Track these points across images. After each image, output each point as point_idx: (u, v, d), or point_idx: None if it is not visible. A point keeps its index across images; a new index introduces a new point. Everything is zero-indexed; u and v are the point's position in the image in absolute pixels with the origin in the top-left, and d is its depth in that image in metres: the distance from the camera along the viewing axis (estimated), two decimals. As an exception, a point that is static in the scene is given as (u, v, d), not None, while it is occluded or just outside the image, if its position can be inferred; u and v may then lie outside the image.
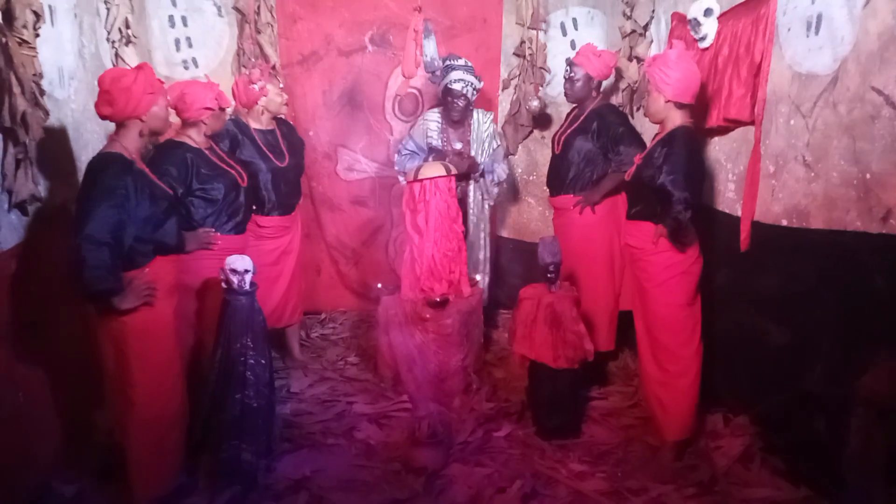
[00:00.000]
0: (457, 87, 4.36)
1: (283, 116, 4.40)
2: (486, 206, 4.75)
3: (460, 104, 4.41)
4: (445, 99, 4.46)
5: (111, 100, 2.74)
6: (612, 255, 4.16)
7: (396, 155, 4.70)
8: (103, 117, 2.83)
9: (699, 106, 3.61)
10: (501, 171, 4.63)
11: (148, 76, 2.81)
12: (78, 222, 2.61)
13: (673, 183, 3.11)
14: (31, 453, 2.95)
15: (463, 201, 4.60)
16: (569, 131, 4.14)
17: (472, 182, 4.63)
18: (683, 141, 3.20)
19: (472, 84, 4.39)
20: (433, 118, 4.61)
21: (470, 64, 4.43)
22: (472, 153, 4.56)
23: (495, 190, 4.70)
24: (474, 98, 4.49)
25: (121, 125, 2.83)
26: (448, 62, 4.42)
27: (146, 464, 2.92)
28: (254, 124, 4.16)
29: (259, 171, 4.08)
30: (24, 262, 2.90)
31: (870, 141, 2.59)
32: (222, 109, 3.61)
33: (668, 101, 3.24)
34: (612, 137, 3.99)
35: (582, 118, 4.10)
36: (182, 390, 3.06)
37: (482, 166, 4.58)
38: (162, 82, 2.94)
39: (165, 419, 2.95)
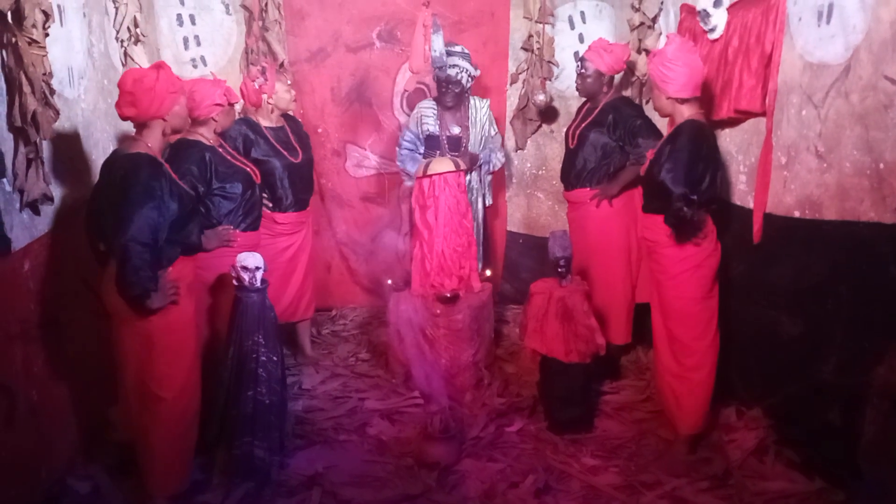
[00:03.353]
0: (451, 72, 4.39)
1: (291, 113, 4.40)
2: (481, 205, 4.73)
3: (454, 90, 4.44)
4: (439, 84, 4.47)
5: (135, 101, 2.75)
6: (629, 248, 4.14)
7: (398, 149, 4.71)
8: (126, 118, 2.84)
9: (707, 97, 3.60)
10: (497, 160, 4.64)
11: (169, 75, 2.82)
12: (121, 224, 2.63)
13: (673, 180, 3.13)
14: (47, 450, 2.97)
15: None
16: (583, 125, 4.11)
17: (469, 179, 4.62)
18: (688, 136, 3.20)
19: (466, 70, 4.42)
20: (428, 105, 4.63)
21: (467, 51, 4.46)
22: (471, 138, 4.57)
23: (488, 178, 4.72)
24: (469, 85, 4.51)
25: (143, 125, 2.84)
26: (446, 48, 4.44)
27: (167, 461, 2.94)
28: (264, 122, 4.17)
29: (275, 169, 4.10)
30: (37, 260, 2.92)
31: (883, 130, 2.57)
32: (231, 105, 3.62)
33: (670, 97, 3.25)
34: (629, 130, 3.97)
35: (596, 111, 4.08)
36: (200, 387, 3.08)
37: (481, 158, 4.58)
38: (182, 80, 2.95)
39: (188, 415, 2.98)
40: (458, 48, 4.44)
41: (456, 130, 4.56)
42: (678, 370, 3.38)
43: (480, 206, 4.68)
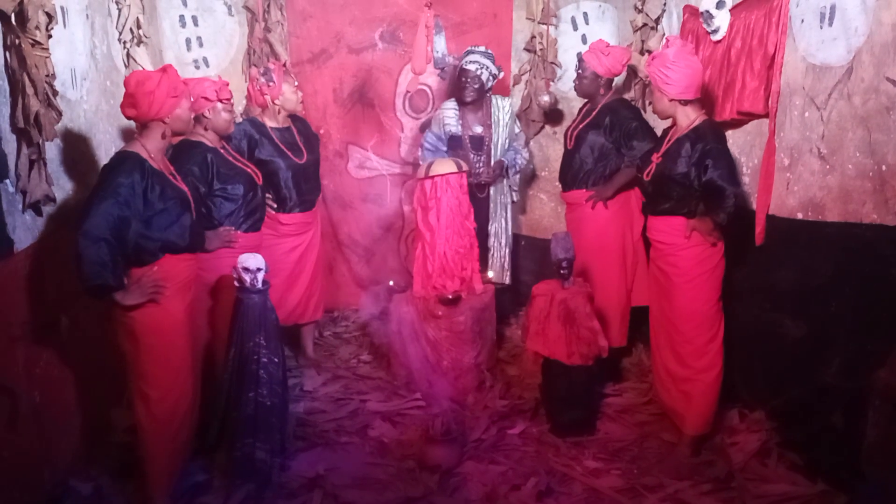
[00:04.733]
0: (471, 67, 4.42)
1: (298, 113, 4.41)
2: (508, 207, 4.76)
3: (474, 86, 4.45)
4: (460, 80, 4.49)
5: (135, 103, 2.80)
6: (625, 251, 4.14)
7: (419, 150, 4.73)
8: (128, 118, 2.89)
9: (709, 99, 3.60)
10: (521, 159, 4.68)
11: (172, 80, 2.84)
12: (79, 217, 2.66)
13: (722, 177, 3.13)
14: (50, 452, 2.97)
15: (484, 201, 4.63)
16: (581, 126, 4.12)
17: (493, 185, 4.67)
18: (715, 135, 3.23)
19: (487, 68, 4.44)
20: (450, 105, 4.65)
21: (490, 52, 4.51)
22: (494, 137, 4.60)
23: (517, 178, 4.77)
24: (490, 84, 4.53)
25: (144, 126, 2.88)
26: (469, 48, 4.50)
27: (156, 458, 2.94)
28: (270, 123, 4.17)
29: (279, 170, 4.09)
30: (40, 262, 2.92)
31: (885, 132, 2.57)
32: (224, 103, 3.58)
33: (672, 99, 3.26)
34: (625, 132, 3.96)
35: (594, 113, 4.08)
36: (194, 388, 3.07)
37: (506, 162, 4.59)
38: (186, 84, 2.97)
39: (178, 415, 2.97)
40: (481, 48, 4.49)
41: (478, 130, 4.58)
42: (686, 373, 3.38)
43: (509, 203, 4.76)
